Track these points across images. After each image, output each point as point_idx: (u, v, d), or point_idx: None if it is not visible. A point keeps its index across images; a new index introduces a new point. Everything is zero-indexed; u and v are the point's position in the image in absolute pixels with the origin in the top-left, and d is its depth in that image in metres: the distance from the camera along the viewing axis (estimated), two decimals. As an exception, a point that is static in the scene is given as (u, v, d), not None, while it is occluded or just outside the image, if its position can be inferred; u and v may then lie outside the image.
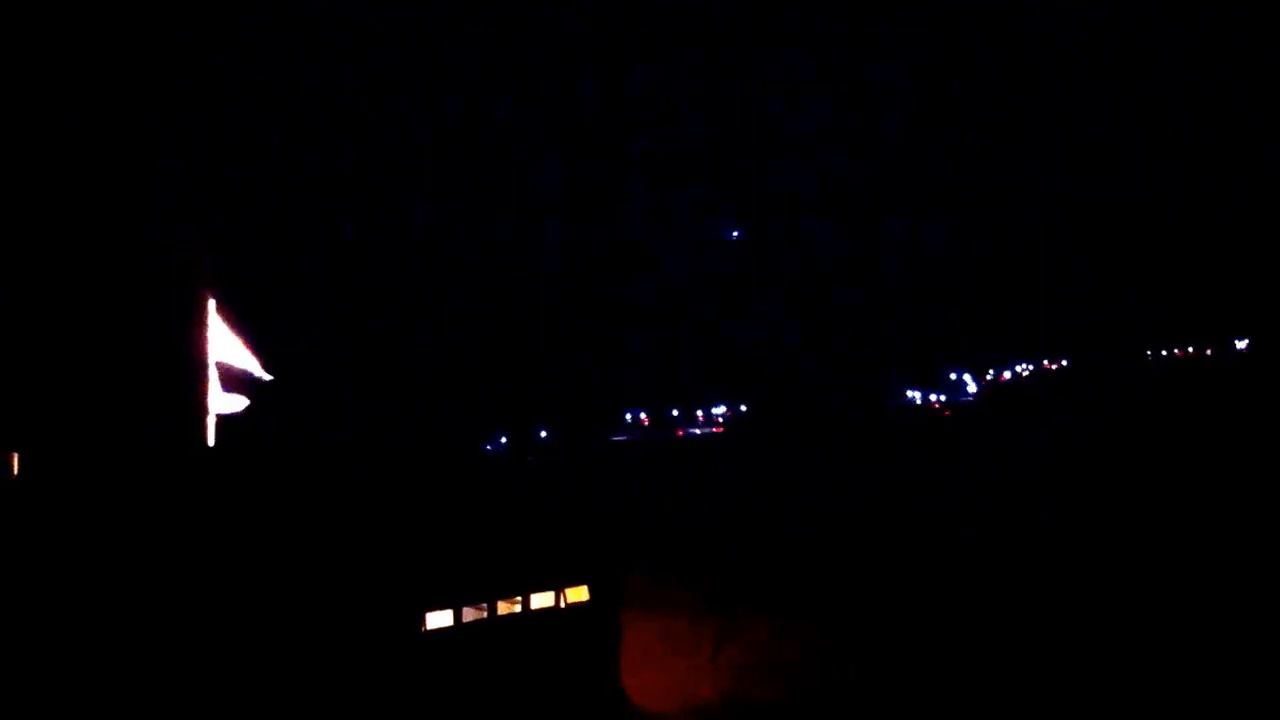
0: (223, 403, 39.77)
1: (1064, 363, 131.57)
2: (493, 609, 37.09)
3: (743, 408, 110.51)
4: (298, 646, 33.89)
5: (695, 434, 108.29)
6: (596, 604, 38.09)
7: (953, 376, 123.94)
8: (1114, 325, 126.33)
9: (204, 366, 38.96)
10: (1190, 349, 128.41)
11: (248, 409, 39.80)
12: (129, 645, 32.26)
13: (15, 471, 36.82)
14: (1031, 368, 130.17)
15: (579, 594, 38.09)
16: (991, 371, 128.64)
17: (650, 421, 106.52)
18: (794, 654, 43.76)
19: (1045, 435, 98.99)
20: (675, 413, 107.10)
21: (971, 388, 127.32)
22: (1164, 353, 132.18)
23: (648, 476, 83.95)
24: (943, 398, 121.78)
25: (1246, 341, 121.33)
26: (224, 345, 39.28)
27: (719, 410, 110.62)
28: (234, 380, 39.47)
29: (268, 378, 40.04)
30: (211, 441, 39.23)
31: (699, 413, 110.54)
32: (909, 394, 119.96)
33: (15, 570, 32.66)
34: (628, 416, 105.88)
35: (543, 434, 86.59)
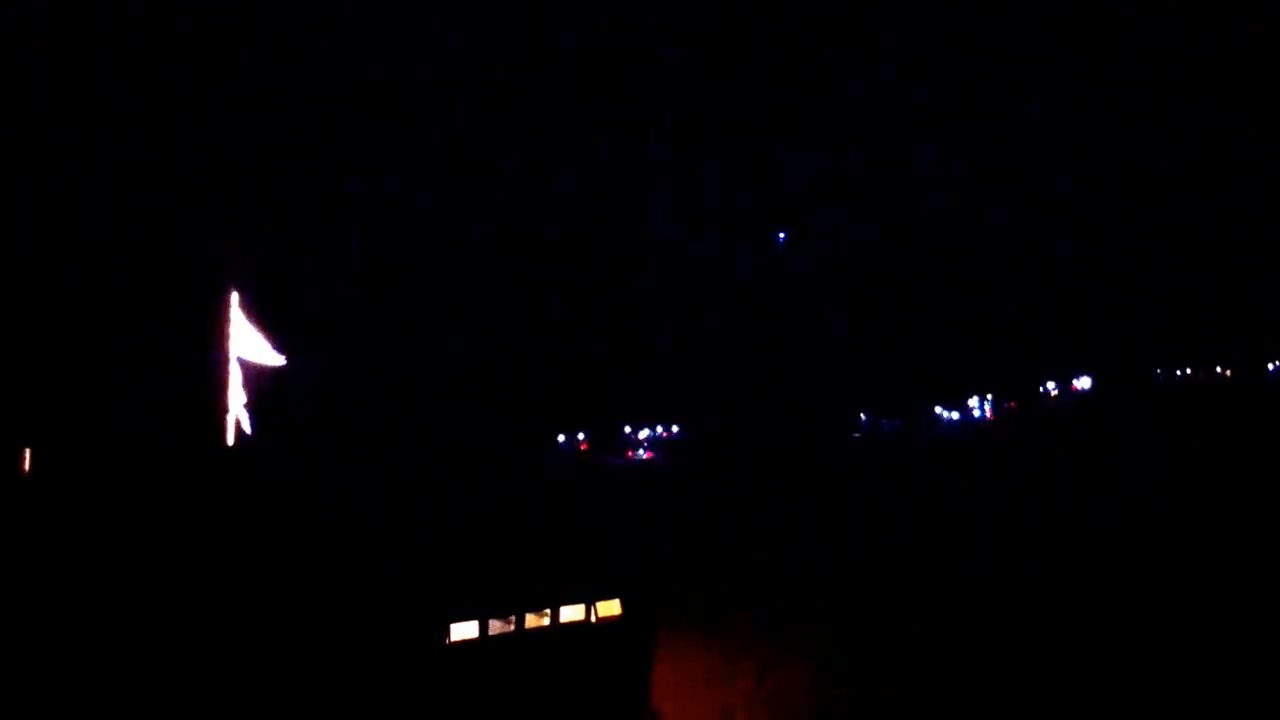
0: (242, 403, 38.60)
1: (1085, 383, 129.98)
2: (520, 622, 35.67)
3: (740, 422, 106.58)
4: (316, 654, 32.55)
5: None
6: (629, 619, 36.64)
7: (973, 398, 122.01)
8: (1126, 342, 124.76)
9: (225, 364, 37.80)
10: (1216, 369, 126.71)
11: (270, 408, 38.64)
12: (141, 649, 30.97)
13: (27, 468, 35.71)
14: (1056, 388, 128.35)
15: (610, 608, 36.65)
16: (999, 392, 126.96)
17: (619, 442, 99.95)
18: (844, 683, 42.15)
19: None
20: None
21: (987, 409, 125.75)
22: (1177, 373, 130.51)
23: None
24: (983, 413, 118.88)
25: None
26: (246, 342, 38.05)
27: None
28: (255, 377, 38.24)
29: (291, 364, 38.85)
30: (230, 441, 38.02)
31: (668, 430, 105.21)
32: (939, 412, 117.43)
33: (23, 569, 31.37)
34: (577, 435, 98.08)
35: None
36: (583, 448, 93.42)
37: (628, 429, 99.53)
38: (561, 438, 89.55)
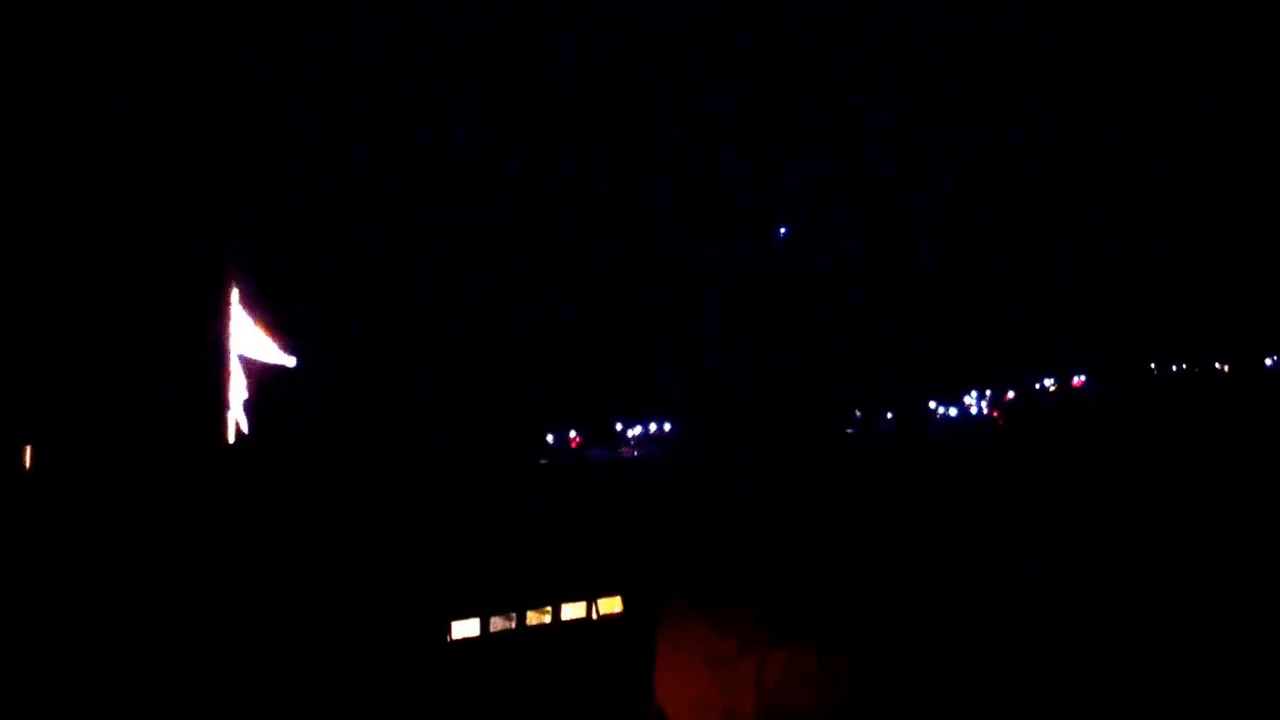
0: (243, 400, 38.47)
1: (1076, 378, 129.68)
2: (521, 619, 35.62)
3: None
4: (317, 653, 32.48)
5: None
6: (631, 616, 36.60)
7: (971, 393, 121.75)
8: (1124, 339, 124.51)
9: (225, 361, 37.65)
10: (1215, 365, 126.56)
11: (271, 406, 38.50)
12: (142, 649, 30.88)
13: (28, 466, 35.61)
14: (1053, 383, 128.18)
15: (612, 605, 36.60)
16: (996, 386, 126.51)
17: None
18: (840, 670, 42.22)
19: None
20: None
21: (983, 403, 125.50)
22: (1175, 369, 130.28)
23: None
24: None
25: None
26: (247, 338, 37.93)
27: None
28: (256, 374, 38.12)
29: (293, 361, 38.72)
30: (231, 439, 37.89)
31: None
32: (932, 405, 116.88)
33: (24, 567, 31.31)
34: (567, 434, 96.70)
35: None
36: (574, 444, 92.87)
37: (619, 425, 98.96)
38: (551, 438, 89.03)
